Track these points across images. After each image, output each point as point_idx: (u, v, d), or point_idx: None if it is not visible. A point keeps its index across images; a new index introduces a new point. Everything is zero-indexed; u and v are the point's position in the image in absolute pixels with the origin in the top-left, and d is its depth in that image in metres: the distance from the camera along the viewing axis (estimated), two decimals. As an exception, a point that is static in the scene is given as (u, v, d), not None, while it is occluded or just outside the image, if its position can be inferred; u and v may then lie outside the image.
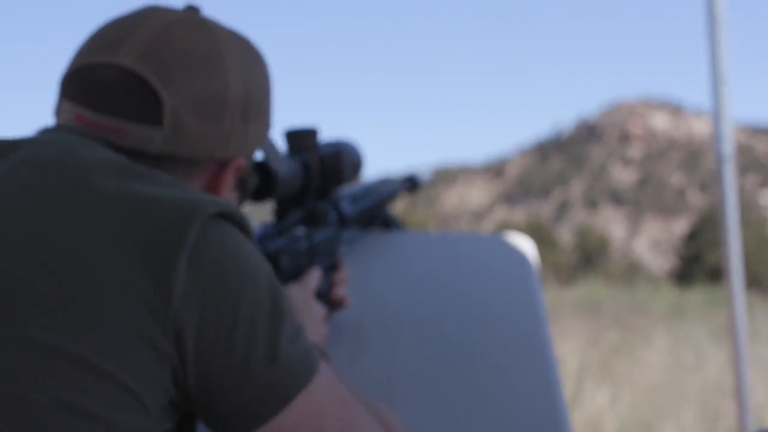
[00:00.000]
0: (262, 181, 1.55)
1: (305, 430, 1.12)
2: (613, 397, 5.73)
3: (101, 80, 1.20)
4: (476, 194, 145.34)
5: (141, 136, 1.18)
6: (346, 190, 2.00)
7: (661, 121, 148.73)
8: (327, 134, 1.92)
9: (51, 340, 0.98)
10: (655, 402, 5.33)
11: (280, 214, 1.77)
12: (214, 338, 1.06)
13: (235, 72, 1.25)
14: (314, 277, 1.70)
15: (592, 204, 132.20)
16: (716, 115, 2.78)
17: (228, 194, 1.32)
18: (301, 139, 1.75)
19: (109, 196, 1.06)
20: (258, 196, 1.59)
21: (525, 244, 2.11)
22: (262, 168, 1.53)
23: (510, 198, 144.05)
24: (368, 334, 1.82)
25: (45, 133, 1.22)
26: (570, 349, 7.00)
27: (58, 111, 1.26)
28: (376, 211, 2.16)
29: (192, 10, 1.28)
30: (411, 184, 2.36)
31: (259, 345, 1.08)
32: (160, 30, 1.21)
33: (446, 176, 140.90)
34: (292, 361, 1.11)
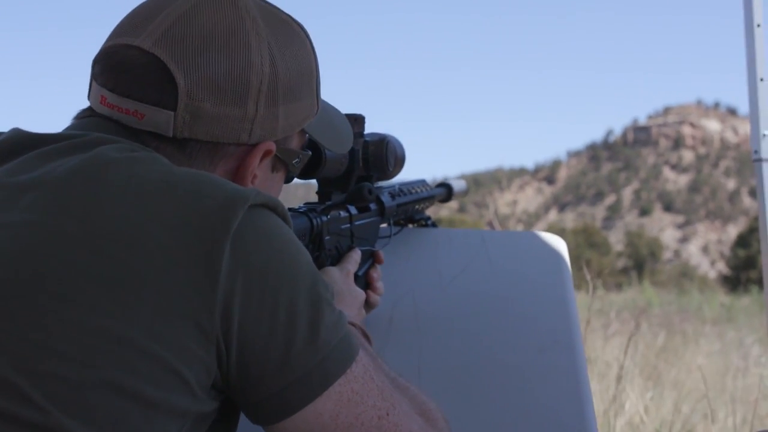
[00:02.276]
0: (310, 158, 1.53)
1: (342, 417, 1.14)
2: (656, 399, 5.71)
3: (122, 63, 1.20)
4: (528, 198, 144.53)
5: (157, 119, 1.19)
6: (386, 186, 2.03)
7: (713, 126, 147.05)
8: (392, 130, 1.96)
9: (100, 321, 1.01)
10: (699, 405, 5.29)
11: (323, 195, 1.79)
12: (258, 321, 1.07)
13: (262, 54, 1.23)
14: (354, 259, 1.71)
15: (643, 208, 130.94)
16: (752, 116, 2.76)
17: (264, 177, 1.32)
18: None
19: (157, 181, 1.09)
20: (303, 173, 1.59)
21: (557, 243, 2.12)
22: (313, 146, 1.52)
23: (561, 202, 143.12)
24: (399, 328, 1.84)
25: (81, 124, 1.24)
26: (615, 351, 6.95)
27: (89, 92, 1.28)
28: (413, 210, 2.18)
29: None
30: (446, 191, 2.39)
31: (299, 330, 1.10)
32: (185, 11, 1.21)
33: (499, 180, 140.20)
34: (332, 348, 1.12)
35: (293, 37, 1.30)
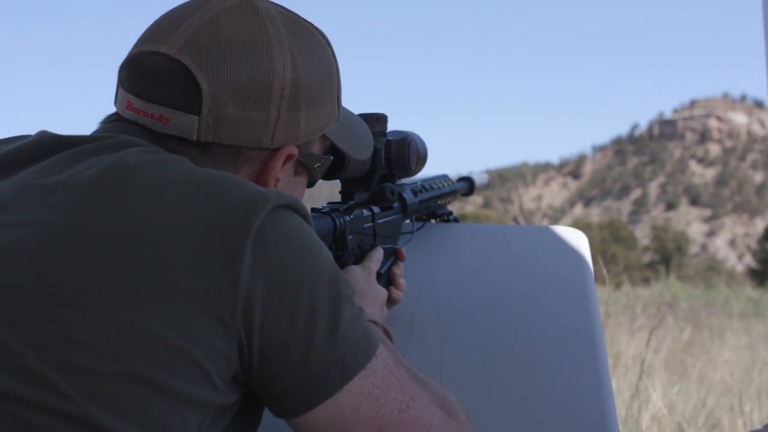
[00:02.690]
0: (332, 162, 1.53)
1: (364, 411, 1.16)
2: (682, 393, 5.70)
3: (148, 69, 1.23)
4: (553, 193, 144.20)
5: (181, 124, 1.22)
6: (408, 182, 2.04)
7: (740, 119, 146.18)
8: (415, 128, 1.97)
9: (127, 315, 1.03)
10: (725, 399, 5.29)
11: (347, 194, 1.81)
12: (279, 317, 1.10)
13: (284, 60, 1.26)
14: (376, 258, 1.73)
15: (669, 202, 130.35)
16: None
17: (287, 180, 1.35)
18: (370, 124, 1.77)
19: (180, 182, 1.12)
20: (326, 175, 1.61)
21: (578, 237, 2.12)
22: (335, 149, 1.52)
23: (587, 197, 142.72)
24: (421, 323, 1.85)
25: (108, 128, 1.27)
26: (641, 346, 6.94)
27: (116, 97, 1.31)
28: (435, 206, 2.19)
29: None
30: (468, 185, 2.39)
31: (320, 325, 1.12)
32: (209, 19, 1.24)
33: (524, 175, 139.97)
34: (351, 343, 1.14)
35: (314, 45, 1.33)
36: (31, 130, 1.31)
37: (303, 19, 1.35)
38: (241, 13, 1.26)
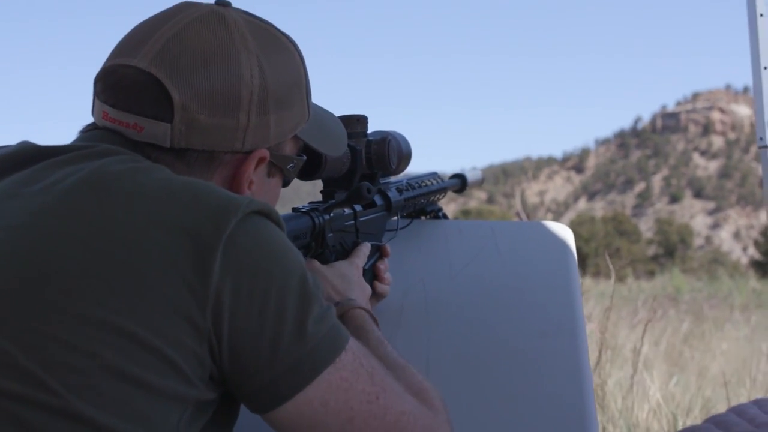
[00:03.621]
0: (309, 162, 1.61)
1: (333, 404, 1.22)
2: (681, 384, 5.74)
3: (121, 80, 1.30)
4: (557, 187, 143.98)
5: (155, 131, 1.28)
6: (394, 181, 2.10)
7: (743, 111, 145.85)
8: (407, 126, 2.02)
9: (104, 315, 1.10)
10: (722, 389, 5.33)
11: (327, 194, 1.86)
12: (247, 318, 1.15)
13: (251, 66, 1.32)
14: (363, 253, 1.79)
15: (673, 195, 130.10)
16: (757, 105, 2.79)
17: (260, 183, 1.41)
18: (351, 125, 1.85)
19: (157, 189, 1.19)
20: (305, 175, 1.67)
21: (563, 232, 2.18)
22: (309, 149, 1.57)
23: (591, 191, 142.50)
24: (409, 316, 1.91)
25: (86, 136, 1.34)
26: (640, 337, 6.99)
27: (93, 108, 1.38)
28: (424, 204, 2.25)
29: (221, 5, 1.37)
30: (460, 182, 2.46)
31: (287, 325, 1.17)
32: (177, 31, 1.30)
33: (527, 170, 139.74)
34: (319, 340, 1.21)
35: (281, 49, 1.40)
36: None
37: (270, 24, 1.42)
38: (208, 23, 1.33)
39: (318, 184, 1.86)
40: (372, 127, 1.95)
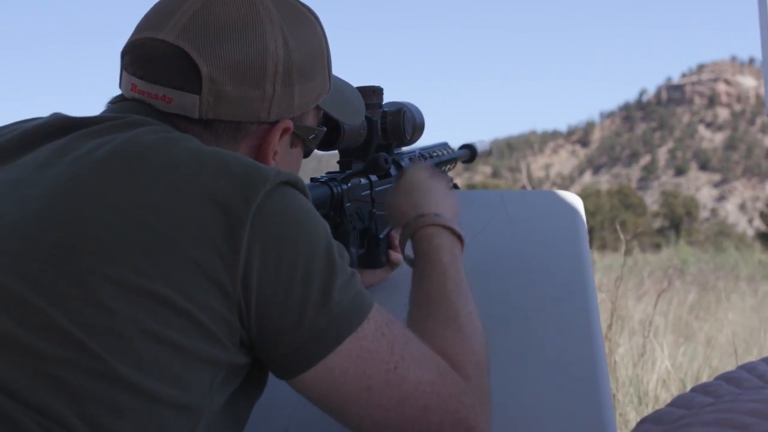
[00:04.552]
0: (328, 132, 1.65)
1: (351, 372, 1.24)
2: (687, 354, 5.77)
3: (149, 53, 1.34)
4: (562, 161, 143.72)
5: (183, 102, 1.32)
6: (407, 151, 2.12)
7: (749, 82, 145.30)
8: (412, 100, 2.05)
9: (141, 281, 1.13)
10: (729, 359, 5.35)
11: (344, 164, 1.90)
12: (274, 285, 1.19)
13: (276, 38, 1.36)
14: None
15: (679, 168, 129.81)
16: (765, 72, 2.79)
17: (284, 153, 1.45)
18: (367, 96, 1.86)
19: (189, 159, 1.22)
20: (324, 146, 1.71)
21: (574, 200, 2.20)
22: (330, 120, 1.61)
23: (596, 164, 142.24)
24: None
25: (116, 107, 1.38)
26: (648, 309, 7.01)
27: (120, 80, 1.42)
28: (435, 173, 2.26)
29: None
30: (469, 152, 2.47)
31: (314, 292, 1.20)
32: (203, 4, 1.34)
33: (532, 144, 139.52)
34: (344, 307, 1.23)
35: (303, 21, 1.43)
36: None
37: None
38: None
39: (321, 162, 1.88)
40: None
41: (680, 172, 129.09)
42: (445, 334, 1.40)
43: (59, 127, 1.32)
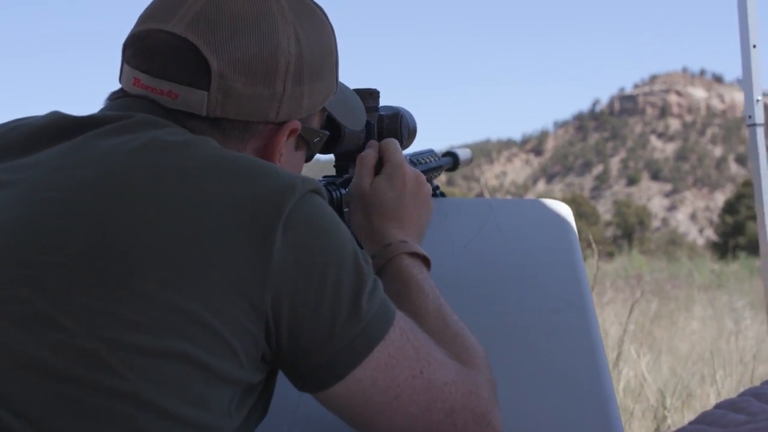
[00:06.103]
0: (329, 135, 1.57)
1: (381, 381, 1.19)
2: (653, 363, 5.78)
3: (155, 46, 1.26)
4: (516, 170, 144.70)
5: (190, 99, 1.24)
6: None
7: (700, 93, 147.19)
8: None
9: (169, 295, 1.06)
10: (696, 368, 5.38)
11: (340, 168, 1.84)
12: (306, 296, 1.13)
13: (288, 36, 1.28)
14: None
15: (631, 177, 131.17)
16: (745, 83, 2.80)
17: (288, 155, 1.38)
18: (364, 98, 1.80)
19: (213, 166, 1.15)
20: (324, 149, 1.64)
21: (563, 209, 2.17)
22: (331, 122, 1.56)
23: (550, 173, 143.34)
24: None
25: (118, 104, 1.29)
26: (610, 318, 7.04)
27: (121, 74, 1.33)
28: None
29: None
30: (453, 160, 2.42)
31: (344, 301, 1.15)
32: None
33: (487, 152, 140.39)
34: (372, 316, 1.18)
35: (315, 20, 1.36)
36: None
37: None
38: None
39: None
40: None
41: (632, 181, 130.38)
42: (444, 339, 1.36)
43: (63, 128, 1.24)
